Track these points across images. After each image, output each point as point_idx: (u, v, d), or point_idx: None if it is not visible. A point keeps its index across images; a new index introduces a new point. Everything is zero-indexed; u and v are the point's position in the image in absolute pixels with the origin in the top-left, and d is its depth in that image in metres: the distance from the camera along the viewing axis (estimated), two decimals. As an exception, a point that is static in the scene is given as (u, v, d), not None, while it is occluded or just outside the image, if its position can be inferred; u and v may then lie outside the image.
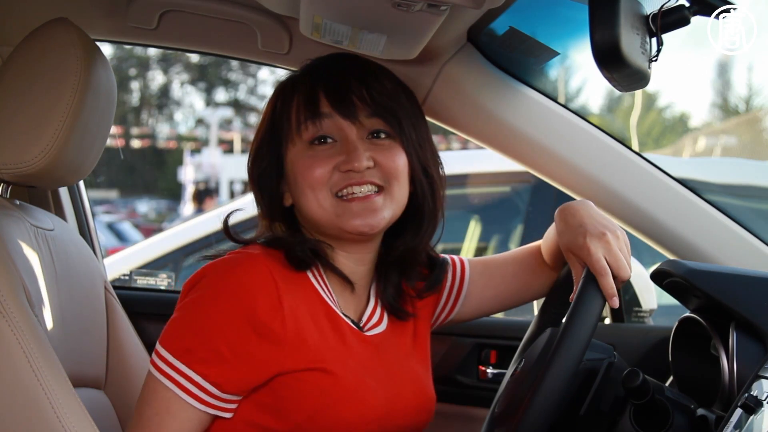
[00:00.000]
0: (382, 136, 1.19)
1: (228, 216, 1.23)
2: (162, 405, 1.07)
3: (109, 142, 1.37)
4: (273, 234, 1.22)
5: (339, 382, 1.12)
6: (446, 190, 1.29)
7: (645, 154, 1.57)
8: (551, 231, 1.37)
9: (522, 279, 1.41)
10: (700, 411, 1.16)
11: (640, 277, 1.75)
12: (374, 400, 1.15)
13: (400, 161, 1.19)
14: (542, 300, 1.42)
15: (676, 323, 1.35)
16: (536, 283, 1.41)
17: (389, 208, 1.18)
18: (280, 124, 1.20)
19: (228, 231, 1.22)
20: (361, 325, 1.22)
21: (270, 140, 1.21)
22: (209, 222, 2.94)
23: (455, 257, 1.41)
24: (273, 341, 1.08)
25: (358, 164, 1.15)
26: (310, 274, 1.17)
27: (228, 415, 1.11)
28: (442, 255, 1.38)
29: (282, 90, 1.23)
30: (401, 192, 1.19)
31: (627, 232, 1.57)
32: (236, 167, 16.28)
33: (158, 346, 1.10)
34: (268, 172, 1.21)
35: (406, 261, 1.26)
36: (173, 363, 1.07)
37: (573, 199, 1.59)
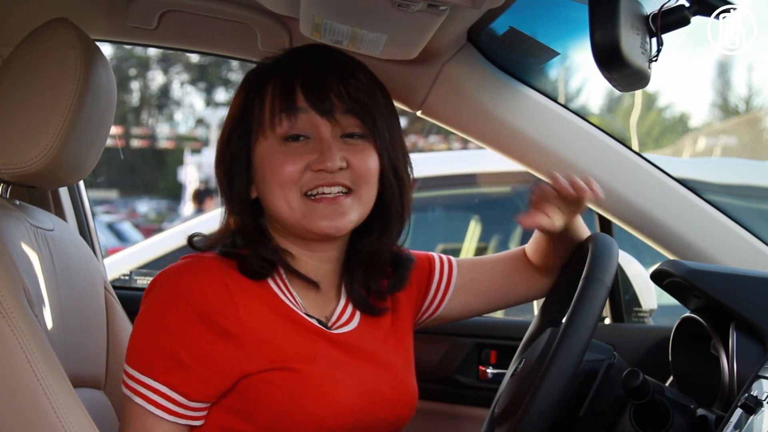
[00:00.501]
0: (356, 137, 1.17)
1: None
2: (139, 424, 1.07)
3: (109, 142, 1.37)
4: (229, 241, 1.18)
5: (305, 379, 1.11)
6: (449, 190, 1.29)
7: (645, 154, 1.57)
8: (537, 233, 1.36)
9: (509, 280, 1.40)
10: (700, 411, 1.16)
11: (640, 277, 1.75)
12: (344, 394, 1.14)
13: (372, 163, 1.17)
14: (542, 300, 1.42)
15: (676, 323, 1.35)
16: (522, 285, 1.41)
17: (357, 210, 1.16)
18: (252, 114, 1.17)
19: (191, 240, 1.21)
20: (330, 324, 1.20)
21: (240, 130, 1.17)
22: (209, 222, 2.95)
23: (443, 255, 1.40)
24: (231, 341, 1.07)
25: (331, 164, 1.12)
26: (269, 278, 1.16)
27: (199, 423, 1.10)
28: (417, 252, 1.37)
29: (254, 78, 1.20)
30: (370, 194, 1.18)
31: (627, 232, 1.58)
32: (236, 167, 16.20)
33: (125, 366, 1.09)
34: (236, 163, 1.17)
35: (370, 262, 1.24)
36: (140, 379, 1.07)
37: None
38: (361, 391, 1.16)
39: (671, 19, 1.11)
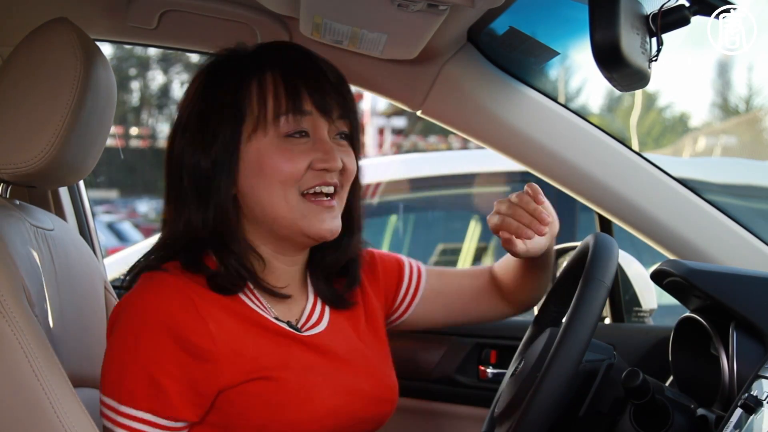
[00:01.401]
0: (344, 138, 1.19)
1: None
2: None
3: (109, 142, 1.37)
4: (190, 246, 1.14)
5: (282, 386, 1.10)
6: (449, 190, 1.30)
7: (645, 154, 1.57)
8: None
9: (473, 297, 1.42)
10: (700, 411, 1.16)
11: (640, 277, 1.75)
12: (322, 398, 1.13)
13: (355, 165, 1.20)
14: (542, 300, 1.42)
15: (676, 323, 1.35)
16: (485, 305, 1.43)
17: (340, 211, 1.18)
18: (246, 109, 1.13)
19: (143, 266, 1.16)
20: (300, 326, 1.19)
21: (232, 123, 1.13)
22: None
23: (412, 261, 1.41)
24: (205, 358, 1.06)
25: (335, 164, 1.14)
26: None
27: None
28: (386, 253, 1.40)
29: (240, 71, 1.16)
30: (346, 195, 1.20)
31: (627, 232, 1.58)
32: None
33: (102, 397, 1.06)
34: (225, 158, 1.13)
35: (334, 262, 1.25)
36: (122, 410, 1.04)
37: (573, 199, 1.59)
38: (340, 392, 1.16)
39: (671, 19, 1.11)
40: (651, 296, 1.78)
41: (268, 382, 1.09)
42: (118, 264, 2.60)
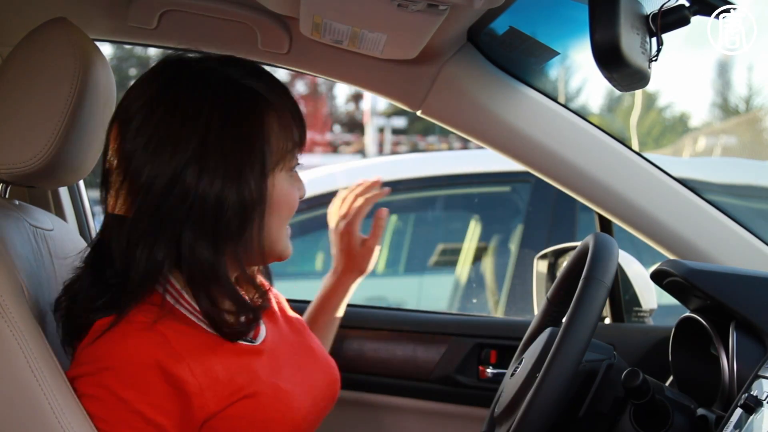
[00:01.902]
0: None
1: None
2: None
3: (109, 142, 1.37)
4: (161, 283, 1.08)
5: (262, 402, 1.10)
6: (449, 190, 1.31)
7: (645, 154, 1.57)
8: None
9: None
10: (700, 411, 1.16)
11: (640, 277, 1.75)
12: (297, 401, 1.15)
13: None
14: (542, 300, 1.42)
15: (676, 323, 1.35)
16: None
17: None
18: (261, 146, 1.10)
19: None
20: (250, 337, 1.18)
21: (253, 160, 1.09)
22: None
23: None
24: (191, 392, 1.03)
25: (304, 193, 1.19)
26: (190, 315, 1.10)
27: None
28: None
29: (253, 102, 1.11)
30: None
31: (627, 232, 1.58)
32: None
33: None
34: (255, 197, 1.08)
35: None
36: None
37: (573, 199, 1.59)
38: (307, 390, 1.19)
39: (671, 19, 1.11)
40: (651, 296, 1.77)
41: (248, 401, 1.09)
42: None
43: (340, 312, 1.57)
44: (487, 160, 3.16)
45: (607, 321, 1.78)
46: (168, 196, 1.06)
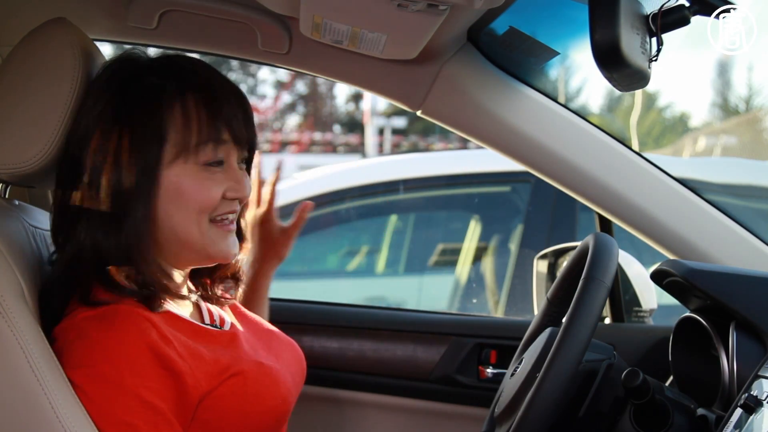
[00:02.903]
0: (243, 164, 1.21)
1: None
2: None
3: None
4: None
5: (249, 378, 1.13)
6: (449, 190, 1.31)
7: (645, 154, 1.57)
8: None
9: None
10: (700, 411, 1.16)
11: (640, 277, 1.75)
12: (280, 376, 1.18)
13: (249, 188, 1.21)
14: (542, 300, 1.42)
15: (676, 323, 1.35)
16: None
17: None
18: (162, 133, 1.11)
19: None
20: (220, 325, 1.22)
21: (144, 147, 1.10)
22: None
23: None
24: (182, 372, 1.05)
25: (245, 193, 1.17)
26: (168, 305, 1.14)
27: None
28: None
29: (155, 90, 1.13)
30: None
31: (627, 232, 1.58)
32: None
33: None
34: (147, 181, 1.10)
35: (222, 272, 1.29)
36: None
37: (573, 199, 1.59)
38: (283, 365, 1.22)
39: (671, 19, 1.11)
40: (651, 296, 1.78)
41: (236, 378, 1.11)
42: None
43: (266, 297, 1.57)
44: (487, 160, 3.15)
45: (607, 321, 1.78)
46: (71, 179, 1.13)
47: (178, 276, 1.21)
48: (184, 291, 1.22)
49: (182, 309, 1.18)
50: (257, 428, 1.14)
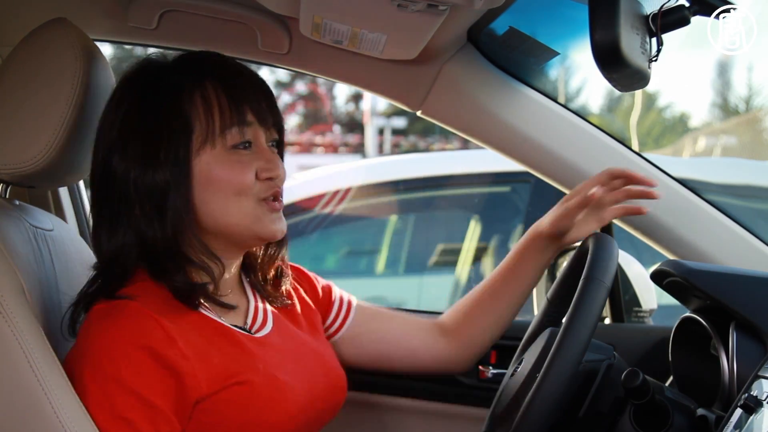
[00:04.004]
0: (275, 145, 1.22)
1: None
2: None
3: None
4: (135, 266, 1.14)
5: (255, 389, 1.11)
6: (449, 190, 1.31)
7: (645, 154, 1.57)
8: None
9: (410, 343, 1.44)
10: (700, 411, 1.16)
11: (640, 277, 1.75)
12: (293, 395, 1.16)
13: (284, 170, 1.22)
14: (542, 300, 1.41)
15: (676, 323, 1.35)
16: (424, 354, 1.45)
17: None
18: (187, 123, 1.13)
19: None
20: (250, 328, 1.21)
21: (172, 140, 1.12)
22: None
23: (342, 293, 1.43)
24: (183, 372, 1.06)
25: (278, 172, 1.17)
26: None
27: None
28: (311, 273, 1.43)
29: (174, 84, 1.15)
30: None
31: (627, 232, 1.58)
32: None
33: None
34: (177, 176, 1.12)
35: (268, 263, 1.29)
36: None
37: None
38: (305, 388, 1.19)
39: (671, 19, 1.11)
40: (651, 296, 1.77)
41: (240, 387, 1.10)
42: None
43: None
44: (487, 160, 3.15)
45: (607, 321, 1.78)
46: (105, 183, 1.15)
47: (229, 264, 1.20)
48: (234, 283, 1.22)
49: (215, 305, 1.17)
50: None
